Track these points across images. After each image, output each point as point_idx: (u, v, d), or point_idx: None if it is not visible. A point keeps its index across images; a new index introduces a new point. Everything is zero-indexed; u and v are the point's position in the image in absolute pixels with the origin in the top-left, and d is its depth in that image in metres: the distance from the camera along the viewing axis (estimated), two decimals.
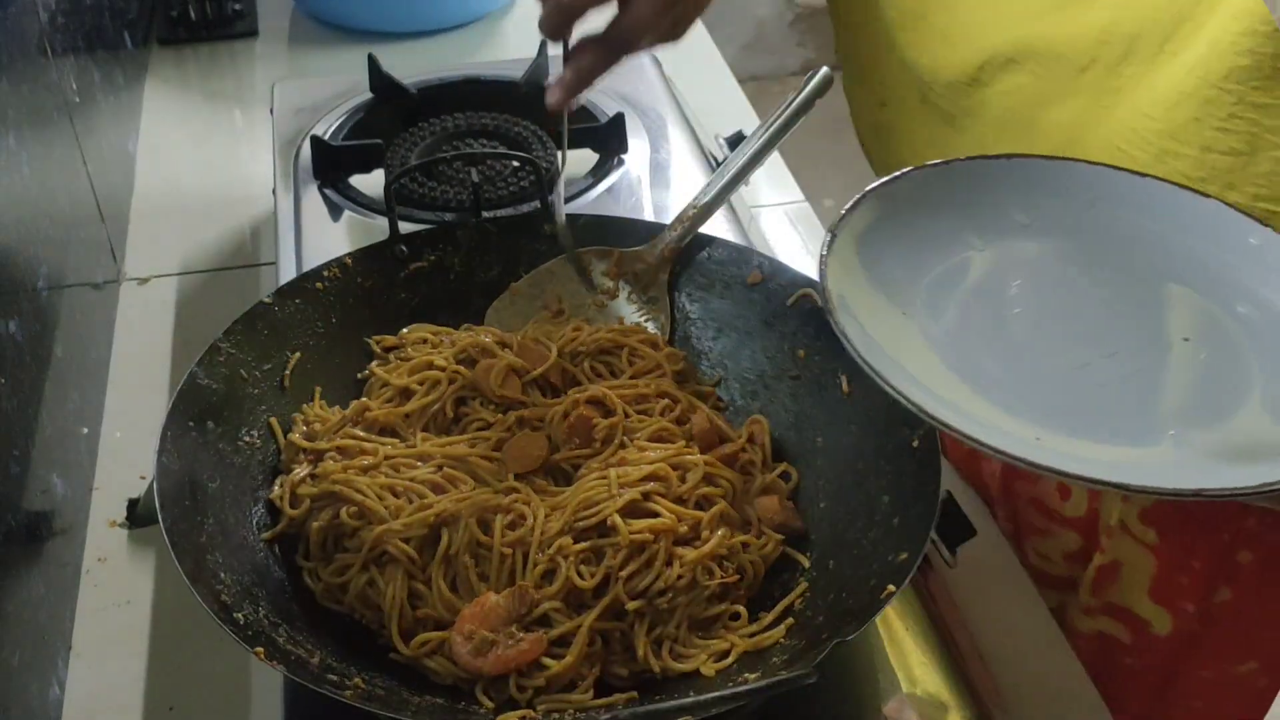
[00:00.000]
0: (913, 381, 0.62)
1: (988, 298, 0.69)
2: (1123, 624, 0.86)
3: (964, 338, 0.67)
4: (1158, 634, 0.84)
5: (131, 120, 1.34)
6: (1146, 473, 0.59)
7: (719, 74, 1.45)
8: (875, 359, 0.61)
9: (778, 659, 0.66)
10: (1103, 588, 0.86)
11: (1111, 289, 0.70)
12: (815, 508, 0.75)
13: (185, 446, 0.71)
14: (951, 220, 0.72)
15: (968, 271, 0.70)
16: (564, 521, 0.69)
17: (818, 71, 0.81)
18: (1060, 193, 0.72)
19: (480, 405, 0.79)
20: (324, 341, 0.82)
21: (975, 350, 0.66)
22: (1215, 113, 0.66)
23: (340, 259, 0.84)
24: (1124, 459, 0.60)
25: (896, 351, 0.64)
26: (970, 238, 0.72)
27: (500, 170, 1.03)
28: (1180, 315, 0.68)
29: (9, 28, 0.89)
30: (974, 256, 0.71)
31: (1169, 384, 0.64)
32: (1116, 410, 0.63)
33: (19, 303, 0.82)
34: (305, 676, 0.61)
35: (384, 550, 0.69)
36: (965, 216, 0.72)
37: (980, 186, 0.73)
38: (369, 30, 1.46)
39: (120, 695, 0.78)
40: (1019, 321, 0.68)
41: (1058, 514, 0.89)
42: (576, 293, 0.87)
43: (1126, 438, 0.62)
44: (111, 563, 0.87)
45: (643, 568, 0.68)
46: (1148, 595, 0.84)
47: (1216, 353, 0.66)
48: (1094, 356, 0.66)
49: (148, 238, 1.19)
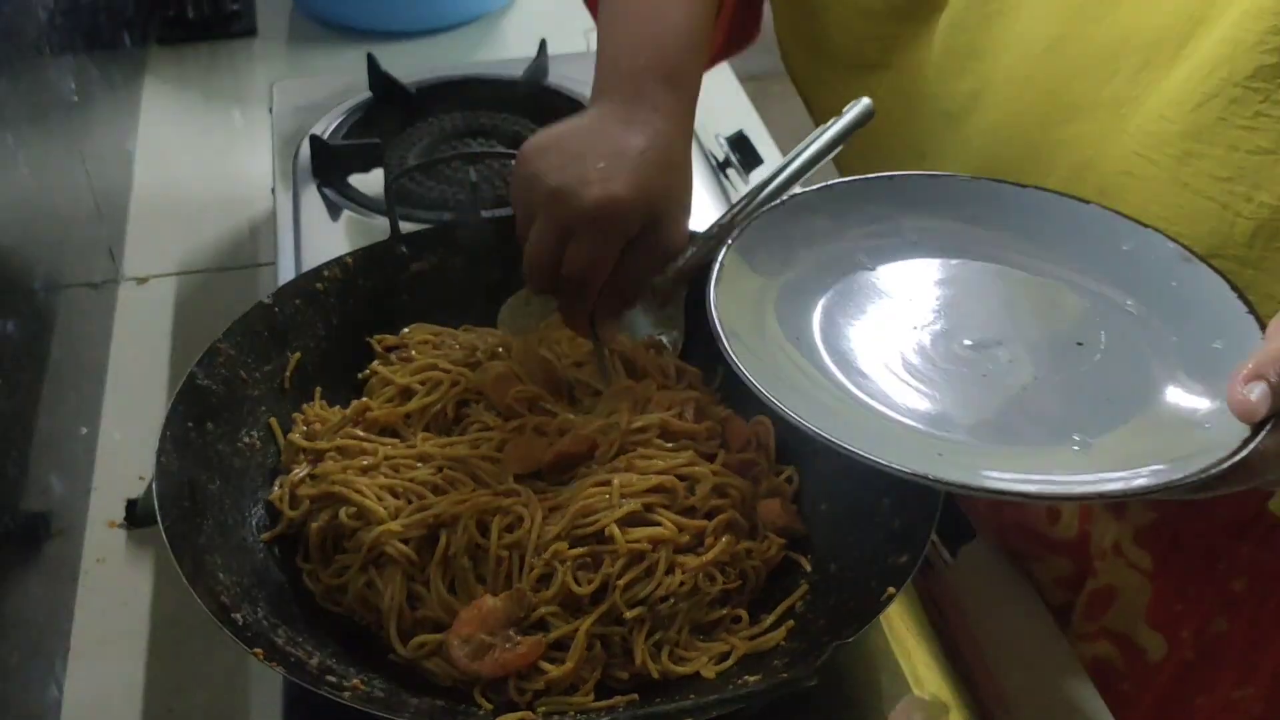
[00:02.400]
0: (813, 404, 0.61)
1: (883, 316, 0.69)
2: (1119, 650, 0.85)
3: (863, 358, 0.67)
4: (1154, 660, 0.84)
5: (130, 120, 1.34)
6: (1053, 481, 0.58)
7: (719, 74, 1.44)
8: (769, 385, 0.60)
9: (778, 661, 0.66)
10: (1097, 613, 0.86)
11: (1001, 298, 0.70)
12: (816, 510, 0.75)
13: (184, 447, 0.71)
14: (840, 242, 0.73)
15: (861, 291, 0.71)
16: (561, 527, 0.68)
17: (858, 102, 0.80)
18: (943, 209, 0.73)
19: (484, 409, 0.79)
20: (324, 342, 0.82)
21: (874, 369, 0.66)
22: (1241, 112, 0.65)
23: (341, 259, 0.84)
24: (1029, 461, 0.60)
25: (793, 376, 0.64)
26: (860, 258, 0.72)
27: (499, 170, 1.03)
28: (1072, 319, 0.68)
29: (7, 27, 0.89)
30: (865, 276, 0.72)
31: (1068, 387, 0.64)
32: (1019, 415, 0.63)
33: (17, 303, 0.82)
34: (304, 678, 0.61)
35: (383, 551, 0.69)
36: (853, 238, 0.73)
37: (864, 206, 0.74)
38: (369, 30, 1.46)
39: (119, 696, 0.78)
40: (914, 337, 0.68)
41: (1046, 538, 0.88)
42: None
43: (1031, 442, 0.61)
44: (110, 563, 0.87)
45: (642, 575, 0.67)
46: (1144, 621, 0.84)
47: (1110, 354, 0.66)
48: (992, 366, 0.66)
49: (146, 237, 1.19)
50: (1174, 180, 0.69)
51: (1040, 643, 0.81)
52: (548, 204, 0.70)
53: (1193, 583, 0.81)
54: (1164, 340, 0.66)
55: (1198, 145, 0.67)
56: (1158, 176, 0.69)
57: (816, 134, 0.79)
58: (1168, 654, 0.83)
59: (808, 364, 0.66)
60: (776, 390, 0.60)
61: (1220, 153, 0.67)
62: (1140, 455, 0.58)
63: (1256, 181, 0.66)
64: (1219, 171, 0.67)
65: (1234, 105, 0.65)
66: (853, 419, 0.62)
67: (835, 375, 0.65)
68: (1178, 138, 0.68)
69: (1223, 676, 0.83)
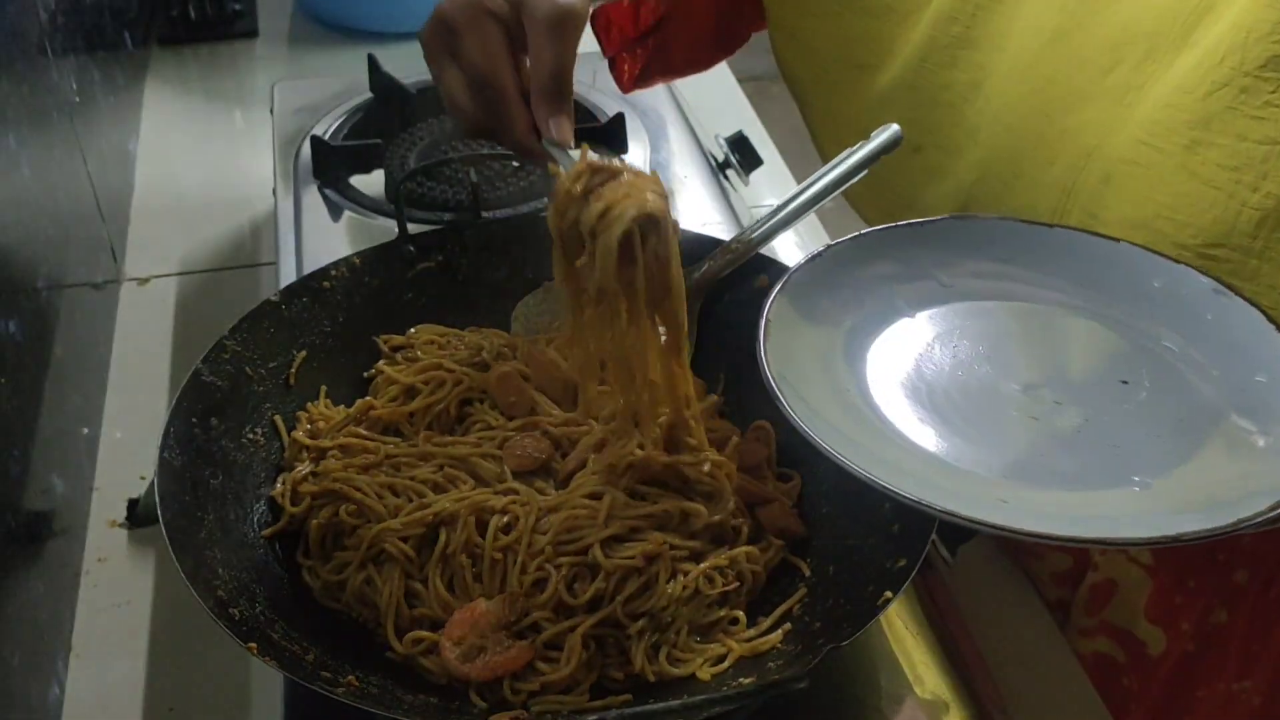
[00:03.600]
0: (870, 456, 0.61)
1: (927, 363, 0.69)
2: (1119, 645, 0.85)
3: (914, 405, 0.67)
4: (1154, 654, 0.84)
5: (132, 120, 1.34)
6: (1118, 523, 0.58)
7: (719, 74, 1.44)
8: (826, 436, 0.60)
9: (774, 664, 0.66)
10: (1097, 608, 0.86)
11: (1040, 339, 0.71)
12: (817, 513, 0.75)
13: (188, 443, 0.71)
14: (877, 290, 0.73)
15: (903, 339, 0.71)
16: (549, 539, 0.68)
17: (888, 128, 0.81)
18: (975, 251, 0.74)
19: (487, 408, 0.79)
20: (330, 340, 0.82)
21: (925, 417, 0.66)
22: (1251, 101, 0.65)
23: (348, 258, 0.84)
24: (1093, 506, 0.60)
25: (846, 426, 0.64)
26: (899, 304, 0.73)
27: (500, 170, 1.03)
28: (1113, 358, 0.69)
29: (9, 28, 0.89)
30: (905, 323, 0.72)
31: (1119, 428, 0.64)
32: (1076, 459, 0.63)
33: (19, 303, 0.82)
34: (298, 673, 0.61)
35: (382, 549, 0.69)
36: (889, 285, 0.73)
37: (895, 253, 0.74)
38: (369, 30, 1.46)
39: (120, 695, 0.78)
40: (962, 383, 0.68)
41: None
42: None
43: (1090, 484, 0.62)
44: (111, 563, 0.87)
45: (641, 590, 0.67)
46: (1144, 616, 0.84)
47: (1156, 391, 0.66)
48: (1041, 409, 0.66)
49: (148, 237, 1.19)
50: (1181, 168, 0.69)
51: (1039, 642, 0.81)
52: (428, 36, 0.74)
53: (1193, 575, 0.81)
54: (1206, 375, 0.66)
55: (1206, 134, 0.67)
56: (1164, 165, 0.69)
57: (843, 157, 0.80)
58: (1168, 648, 0.83)
59: (861, 415, 0.66)
60: (832, 441, 0.60)
61: (1228, 142, 0.67)
62: (1201, 492, 0.58)
63: (1264, 171, 0.66)
64: (1227, 160, 0.67)
65: (1244, 94, 0.65)
66: (913, 469, 0.62)
67: (894, 425, 0.65)
68: (1186, 126, 0.68)
69: (1224, 669, 0.83)
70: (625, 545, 0.69)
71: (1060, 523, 0.57)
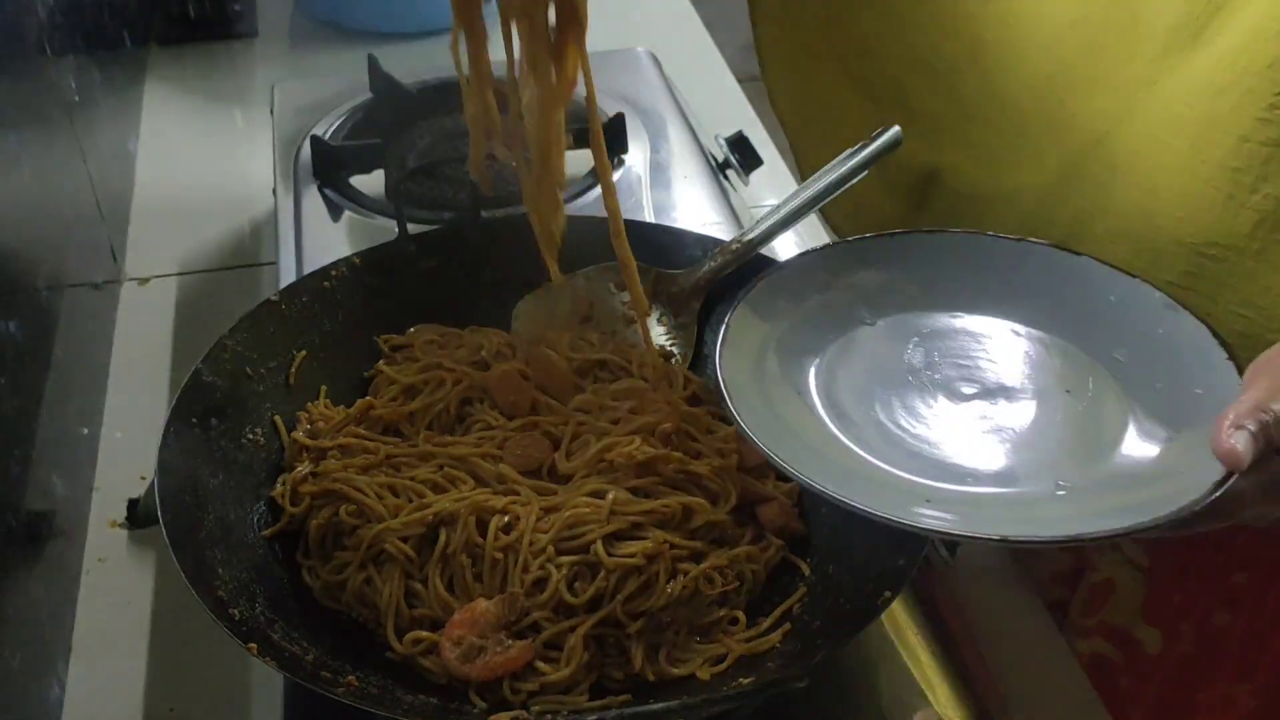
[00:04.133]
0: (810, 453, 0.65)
1: (881, 369, 0.73)
2: (1117, 645, 0.85)
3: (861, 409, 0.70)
4: (1151, 654, 0.84)
5: (131, 120, 1.34)
6: (1031, 524, 0.61)
7: (719, 74, 1.44)
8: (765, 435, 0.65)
9: (773, 664, 0.66)
10: (1095, 607, 0.86)
11: (994, 349, 0.74)
12: (817, 512, 0.75)
13: (188, 443, 0.71)
14: (841, 298, 0.77)
15: (860, 345, 0.75)
16: (551, 538, 0.68)
17: (888, 129, 0.81)
18: (939, 264, 0.77)
19: (487, 408, 0.79)
20: (330, 340, 0.82)
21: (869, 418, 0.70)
22: (1256, 102, 0.66)
23: (349, 258, 0.85)
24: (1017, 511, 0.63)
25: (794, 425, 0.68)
26: (861, 312, 0.76)
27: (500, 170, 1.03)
28: (1062, 368, 0.72)
29: (8, 27, 0.89)
30: (865, 330, 0.76)
31: (1055, 435, 0.68)
32: (1009, 462, 0.67)
33: (19, 303, 0.82)
34: (298, 673, 0.61)
35: (382, 549, 0.70)
36: (853, 294, 0.77)
37: (864, 264, 0.78)
38: (369, 30, 1.46)
39: (120, 696, 0.78)
40: (913, 387, 0.72)
41: None
42: (609, 303, 0.87)
43: (1020, 488, 0.65)
44: (111, 563, 0.87)
45: (641, 589, 0.67)
46: (1141, 616, 0.84)
47: (1095, 401, 0.69)
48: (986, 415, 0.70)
49: (148, 238, 1.19)
50: (1185, 166, 0.69)
51: (1039, 642, 0.81)
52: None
53: (1191, 576, 0.81)
54: (1149, 387, 0.69)
55: (1212, 132, 0.67)
56: (1170, 162, 0.70)
57: (843, 157, 0.81)
58: (1165, 648, 0.83)
59: (810, 418, 0.70)
60: (777, 444, 0.64)
61: (1232, 142, 0.67)
62: (1119, 498, 0.61)
63: (1264, 173, 0.66)
64: (1229, 161, 0.67)
65: (1250, 95, 0.66)
66: (848, 468, 0.66)
67: (831, 429, 0.69)
68: (1195, 124, 0.68)
69: (1223, 672, 0.83)
70: (626, 544, 0.69)
71: (978, 522, 0.61)
